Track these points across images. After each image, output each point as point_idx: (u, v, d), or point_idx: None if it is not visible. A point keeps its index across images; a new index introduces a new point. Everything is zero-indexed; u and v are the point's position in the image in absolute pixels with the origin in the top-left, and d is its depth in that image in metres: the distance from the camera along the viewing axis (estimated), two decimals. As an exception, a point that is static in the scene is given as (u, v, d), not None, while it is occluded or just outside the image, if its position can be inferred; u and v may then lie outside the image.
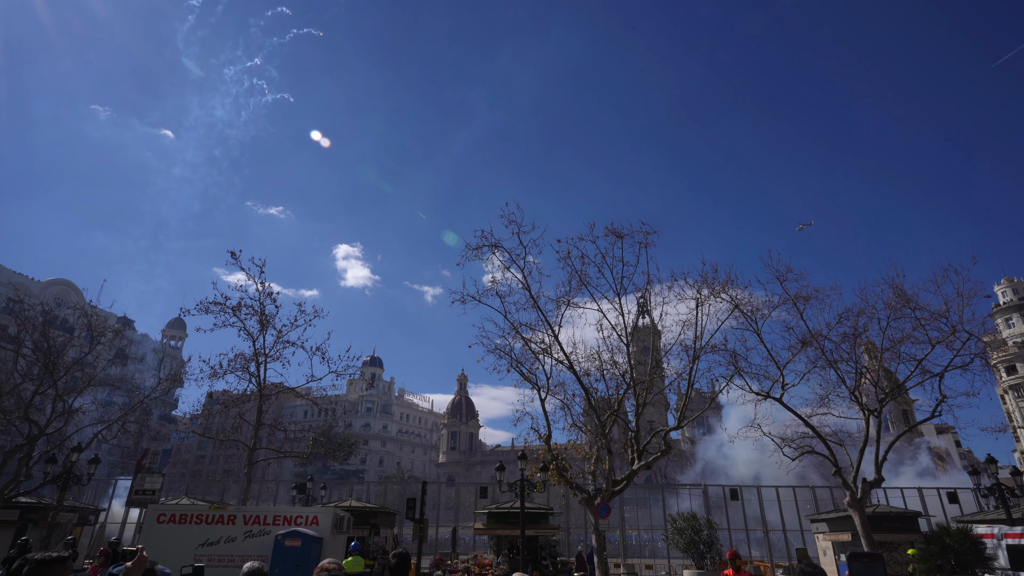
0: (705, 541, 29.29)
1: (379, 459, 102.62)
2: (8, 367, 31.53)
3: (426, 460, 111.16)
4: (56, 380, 28.68)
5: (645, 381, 24.81)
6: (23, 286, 64.34)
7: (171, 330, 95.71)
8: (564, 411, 25.13)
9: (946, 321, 23.44)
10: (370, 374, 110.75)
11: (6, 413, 28.93)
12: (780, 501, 38.24)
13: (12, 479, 26.93)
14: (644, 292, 25.41)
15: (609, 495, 22.71)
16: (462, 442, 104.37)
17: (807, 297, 25.16)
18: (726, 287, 24.55)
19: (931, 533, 24.49)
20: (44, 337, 29.04)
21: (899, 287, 24.52)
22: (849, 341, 25.47)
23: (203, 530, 20.04)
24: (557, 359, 24.17)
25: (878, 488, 25.40)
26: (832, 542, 28.75)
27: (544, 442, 23.57)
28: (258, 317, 28.83)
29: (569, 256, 24.18)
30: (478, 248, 23.90)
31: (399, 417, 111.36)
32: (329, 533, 20.08)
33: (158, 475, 28.49)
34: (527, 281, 24.25)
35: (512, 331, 24.24)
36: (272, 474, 77.18)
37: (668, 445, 23.79)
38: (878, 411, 24.97)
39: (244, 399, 29.67)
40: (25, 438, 28.09)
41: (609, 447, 23.55)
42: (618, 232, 23.91)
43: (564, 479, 23.09)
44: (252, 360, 28.84)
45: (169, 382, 33.13)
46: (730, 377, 24.73)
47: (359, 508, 29.72)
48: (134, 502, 30.07)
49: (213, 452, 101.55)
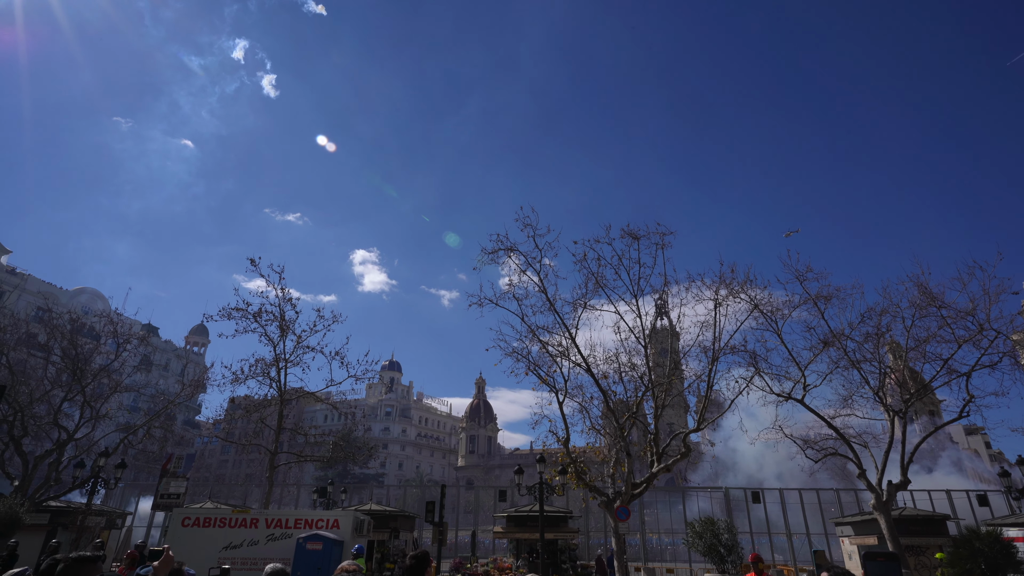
0: (726, 545, 28.94)
1: (398, 463, 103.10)
2: (38, 374, 32.35)
3: (445, 464, 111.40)
4: (84, 387, 29.35)
5: (664, 383, 24.65)
6: (52, 295, 66.03)
7: (194, 336, 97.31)
8: (582, 414, 25.11)
9: (973, 319, 22.90)
10: (389, 378, 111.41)
11: (37, 419, 29.67)
12: (803, 504, 37.64)
13: (43, 483, 27.61)
14: (662, 293, 25.28)
15: (629, 498, 22.58)
16: (480, 445, 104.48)
17: (828, 296, 24.80)
18: (744, 287, 24.31)
19: (960, 536, 23.88)
20: (72, 344, 29.75)
21: (924, 285, 24.00)
22: (872, 341, 25.03)
23: (226, 533, 20.33)
24: (575, 362, 24.13)
25: (904, 490, 24.88)
26: (858, 546, 28.22)
27: (563, 445, 23.52)
28: (278, 323, 29.22)
29: (585, 258, 24.17)
30: (494, 252, 24.01)
31: (418, 421, 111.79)
32: (350, 536, 20.23)
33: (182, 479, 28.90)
34: (543, 284, 24.29)
35: (529, 334, 24.29)
36: (293, 478, 78.06)
37: (688, 448, 23.60)
38: (903, 412, 24.49)
39: (265, 404, 30.07)
40: (55, 443, 28.78)
41: (628, 450, 23.43)
42: (634, 233, 23.83)
43: (583, 482, 23.01)
44: (273, 365, 29.22)
45: (192, 387, 33.69)
46: (750, 378, 24.45)
47: (379, 512, 29.87)
48: (159, 506, 30.54)
49: (235, 457, 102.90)
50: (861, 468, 24.49)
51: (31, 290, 68.20)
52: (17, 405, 27.78)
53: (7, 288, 66.19)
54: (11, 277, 67.84)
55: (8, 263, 69.59)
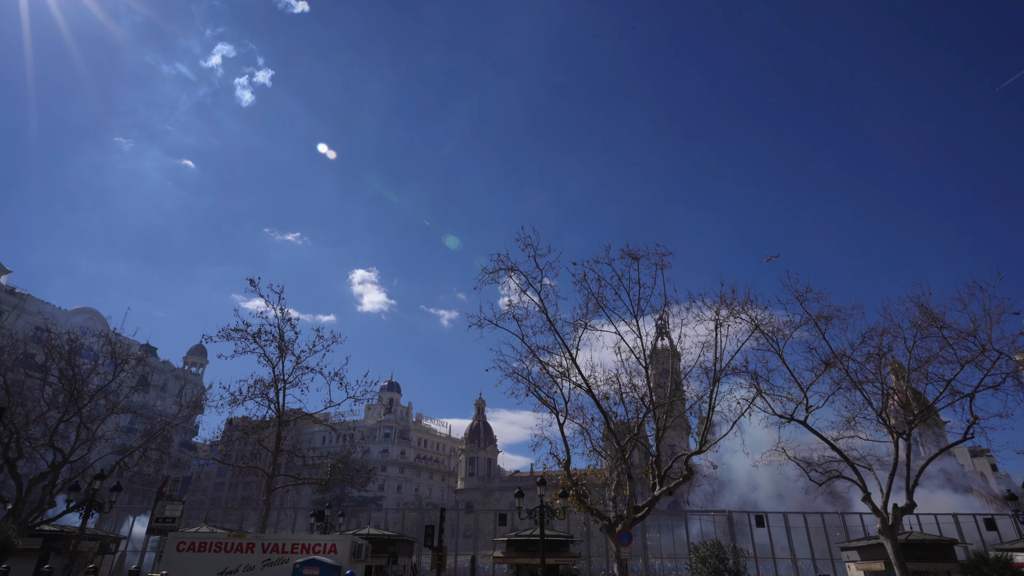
0: (731, 570, 28.44)
1: (397, 485, 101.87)
2: (35, 395, 32.09)
3: (444, 486, 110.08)
4: (81, 407, 29.10)
5: (665, 404, 24.46)
6: (51, 315, 65.69)
7: (192, 357, 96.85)
8: (583, 435, 24.86)
9: (974, 340, 22.80)
10: (388, 399, 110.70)
11: (32, 441, 29.35)
12: (808, 527, 37.10)
13: (36, 507, 27.21)
14: (662, 314, 25.22)
15: (631, 522, 22.25)
16: (480, 468, 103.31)
17: (829, 317, 24.72)
18: (745, 307, 24.27)
19: (968, 562, 23.46)
20: (70, 365, 29.57)
21: (925, 305, 23.94)
22: (874, 361, 24.88)
23: (222, 558, 20.00)
24: (575, 382, 23.98)
25: (910, 514, 24.51)
26: (864, 571, 27.76)
27: (563, 467, 23.26)
28: (277, 343, 29.10)
29: (585, 279, 24.17)
30: (495, 272, 24.02)
31: (417, 443, 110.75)
32: (347, 561, 19.90)
33: (178, 502, 28.49)
34: (544, 304, 24.26)
35: (530, 354, 24.19)
36: (290, 501, 77.02)
37: (690, 470, 23.32)
38: (907, 433, 24.25)
39: (263, 425, 29.78)
40: (50, 466, 28.43)
41: (630, 472, 23.15)
42: (634, 254, 23.87)
43: (584, 505, 22.70)
44: (271, 386, 29.02)
45: (190, 408, 33.41)
46: (752, 399, 24.26)
47: (377, 536, 29.44)
48: (154, 530, 30.07)
49: (232, 479, 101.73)
50: (866, 491, 24.15)
51: (30, 310, 68.06)
52: (13, 426, 27.50)
53: (6, 308, 66.06)
54: (10, 297, 67.75)
55: (8, 283, 69.57)
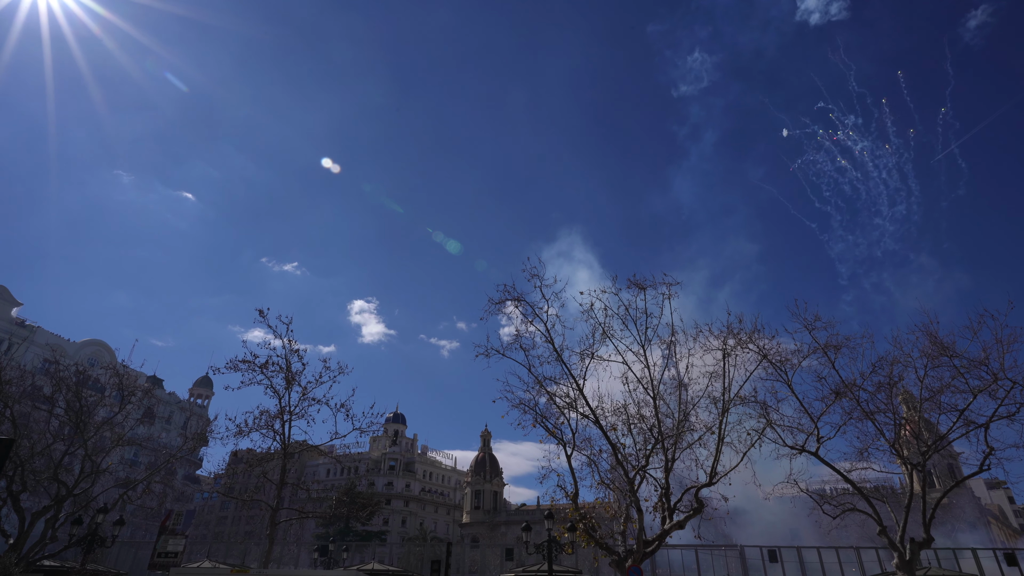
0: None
1: (402, 519, 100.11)
2: (40, 427, 32.08)
3: (449, 520, 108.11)
4: (86, 440, 29.03)
5: (674, 435, 24.18)
6: (60, 347, 66.32)
7: (198, 388, 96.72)
8: (591, 467, 24.54)
9: (987, 369, 22.53)
10: (393, 431, 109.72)
11: (36, 474, 29.21)
12: (823, 563, 36.15)
13: (38, 541, 26.92)
14: (669, 343, 25.13)
15: (641, 557, 21.78)
16: (486, 501, 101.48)
17: (838, 346, 24.55)
18: (753, 337, 24.17)
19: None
20: (76, 397, 29.64)
21: (934, 334, 23.76)
22: (885, 391, 24.60)
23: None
24: (582, 413, 23.80)
25: (928, 549, 23.88)
26: (883, 609, 26.93)
27: (571, 500, 22.91)
28: (284, 374, 29.10)
29: (592, 309, 24.20)
30: (501, 302, 24.11)
31: (422, 475, 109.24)
32: (352, 598, 19.49)
33: (181, 537, 28.18)
34: (550, 334, 24.27)
35: (536, 385, 24.07)
36: (294, 536, 75.71)
37: (700, 503, 22.90)
38: (921, 465, 23.80)
39: (268, 457, 29.59)
40: (53, 499, 28.22)
41: (639, 505, 22.75)
42: (640, 284, 23.97)
43: (593, 539, 22.27)
44: (277, 417, 28.92)
45: (195, 440, 33.27)
46: (762, 430, 23.95)
47: (382, 571, 28.93)
48: (156, 565, 29.68)
49: (235, 513, 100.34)
50: (881, 524, 23.60)
51: (39, 342, 68.54)
52: (18, 459, 27.41)
53: (16, 340, 66.53)
54: (20, 329, 68.30)
55: (18, 315, 70.21)
